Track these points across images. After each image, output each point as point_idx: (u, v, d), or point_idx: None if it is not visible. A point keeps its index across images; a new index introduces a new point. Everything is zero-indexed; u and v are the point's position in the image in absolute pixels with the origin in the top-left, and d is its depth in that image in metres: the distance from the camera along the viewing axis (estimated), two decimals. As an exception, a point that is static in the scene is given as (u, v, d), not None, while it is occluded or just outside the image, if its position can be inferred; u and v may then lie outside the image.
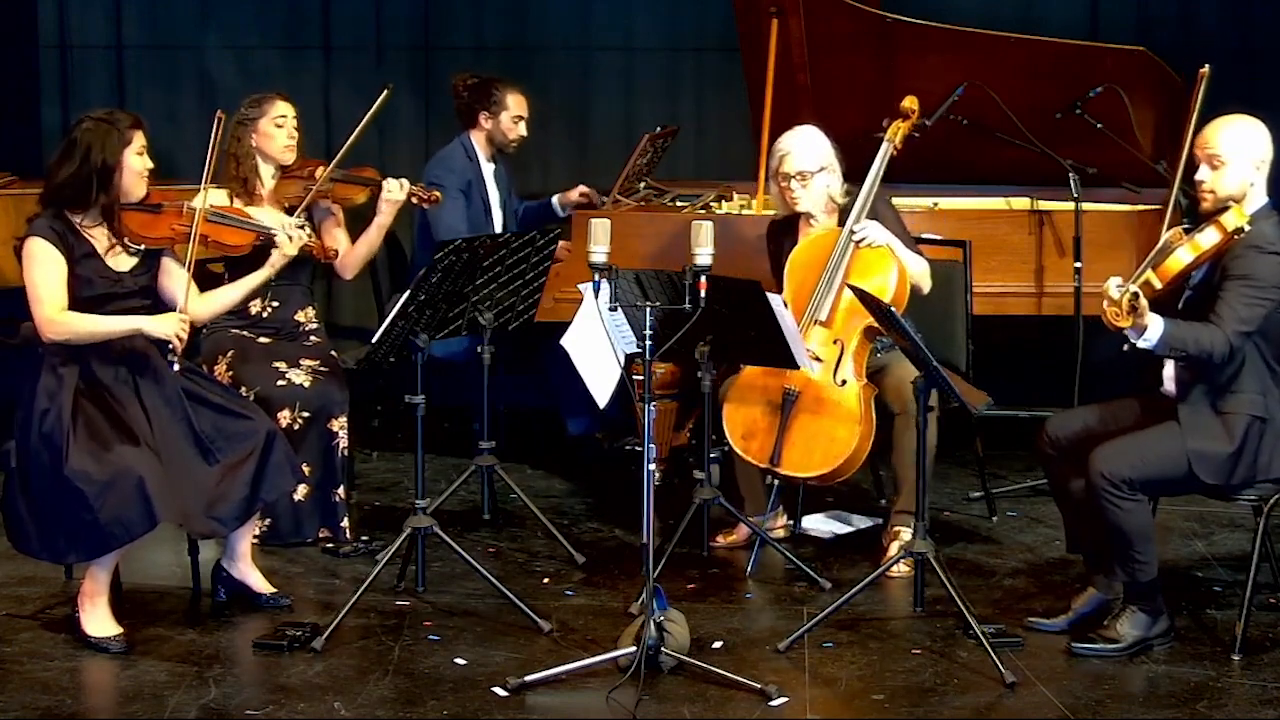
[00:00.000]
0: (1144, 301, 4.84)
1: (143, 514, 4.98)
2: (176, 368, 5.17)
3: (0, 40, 8.34)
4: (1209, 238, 4.98)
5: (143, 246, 5.28)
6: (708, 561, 5.93)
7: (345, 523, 6.03)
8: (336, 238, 6.27)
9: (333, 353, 6.19)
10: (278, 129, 6.13)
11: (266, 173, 6.14)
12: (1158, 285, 4.97)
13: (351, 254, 6.29)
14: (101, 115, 5.25)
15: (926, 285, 5.93)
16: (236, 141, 6.14)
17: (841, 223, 5.94)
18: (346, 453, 6.04)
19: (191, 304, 5.29)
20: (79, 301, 5.16)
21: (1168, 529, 6.23)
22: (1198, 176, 5.12)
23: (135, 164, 5.25)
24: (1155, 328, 4.90)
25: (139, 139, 5.25)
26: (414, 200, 6.33)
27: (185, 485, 5.11)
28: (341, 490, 6.03)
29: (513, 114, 7.10)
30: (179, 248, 5.31)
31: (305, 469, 5.90)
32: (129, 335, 5.18)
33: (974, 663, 5.04)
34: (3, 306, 7.08)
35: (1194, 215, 5.26)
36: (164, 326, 5.17)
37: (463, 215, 6.95)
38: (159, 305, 5.30)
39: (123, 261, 5.26)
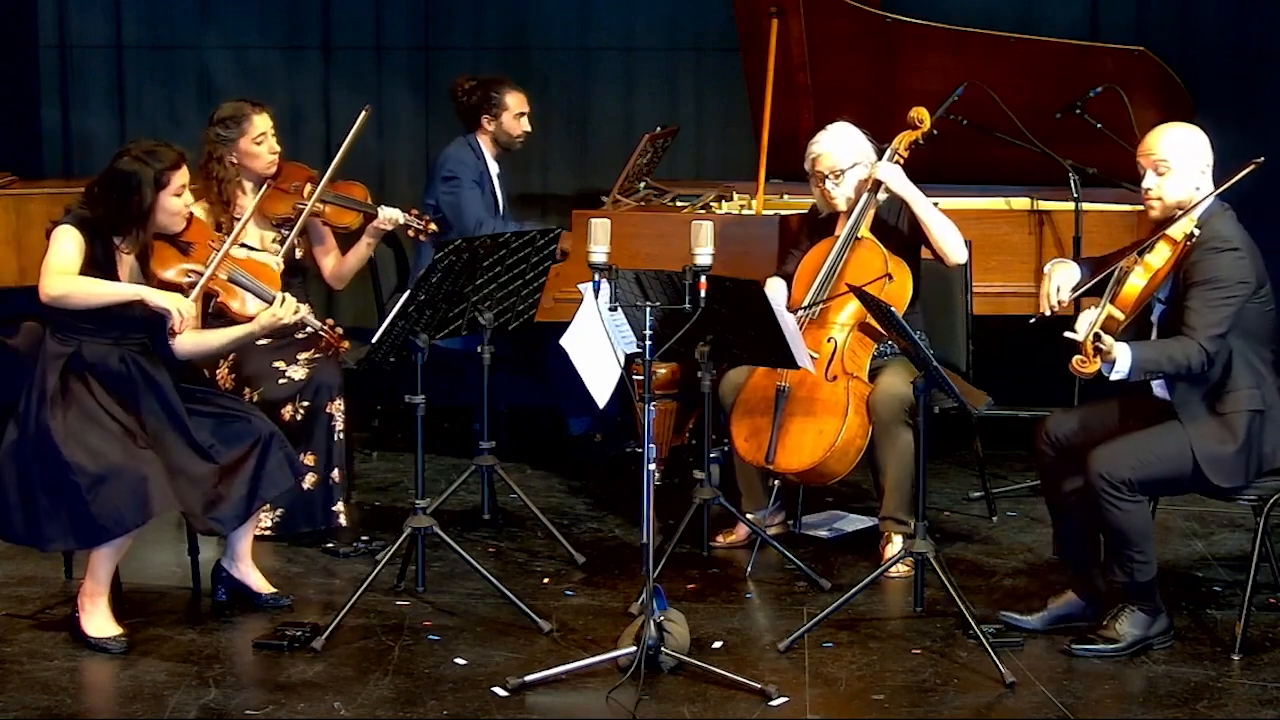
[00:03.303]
0: (1108, 339, 4.85)
1: (137, 507, 4.98)
2: (174, 343, 5.16)
3: (0, 40, 8.33)
4: (1160, 255, 4.98)
5: (152, 283, 5.28)
6: (708, 561, 5.93)
7: (340, 506, 6.03)
8: (329, 255, 6.37)
9: (299, 336, 6.18)
10: (258, 146, 6.07)
11: (249, 187, 6.12)
12: (1120, 317, 4.97)
13: (342, 266, 6.38)
14: (142, 153, 5.18)
15: (956, 251, 5.91)
16: (217, 163, 6.05)
17: (878, 222, 5.99)
18: (343, 435, 6.05)
19: (178, 338, 5.27)
20: (84, 310, 5.16)
21: (1168, 529, 6.23)
22: (1144, 184, 5.14)
23: (172, 205, 5.22)
24: (1124, 358, 4.90)
25: (178, 179, 5.20)
26: (410, 232, 6.39)
27: (183, 481, 5.11)
28: (337, 473, 6.03)
29: (514, 112, 7.12)
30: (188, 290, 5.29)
31: (310, 458, 5.93)
32: (129, 302, 5.14)
33: (974, 663, 5.04)
34: (2, 307, 7.09)
35: None
36: (167, 301, 5.16)
37: (482, 204, 6.99)
38: (159, 333, 5.25)
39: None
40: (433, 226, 6.49)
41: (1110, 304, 4.95)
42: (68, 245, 5.14)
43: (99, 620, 5.12)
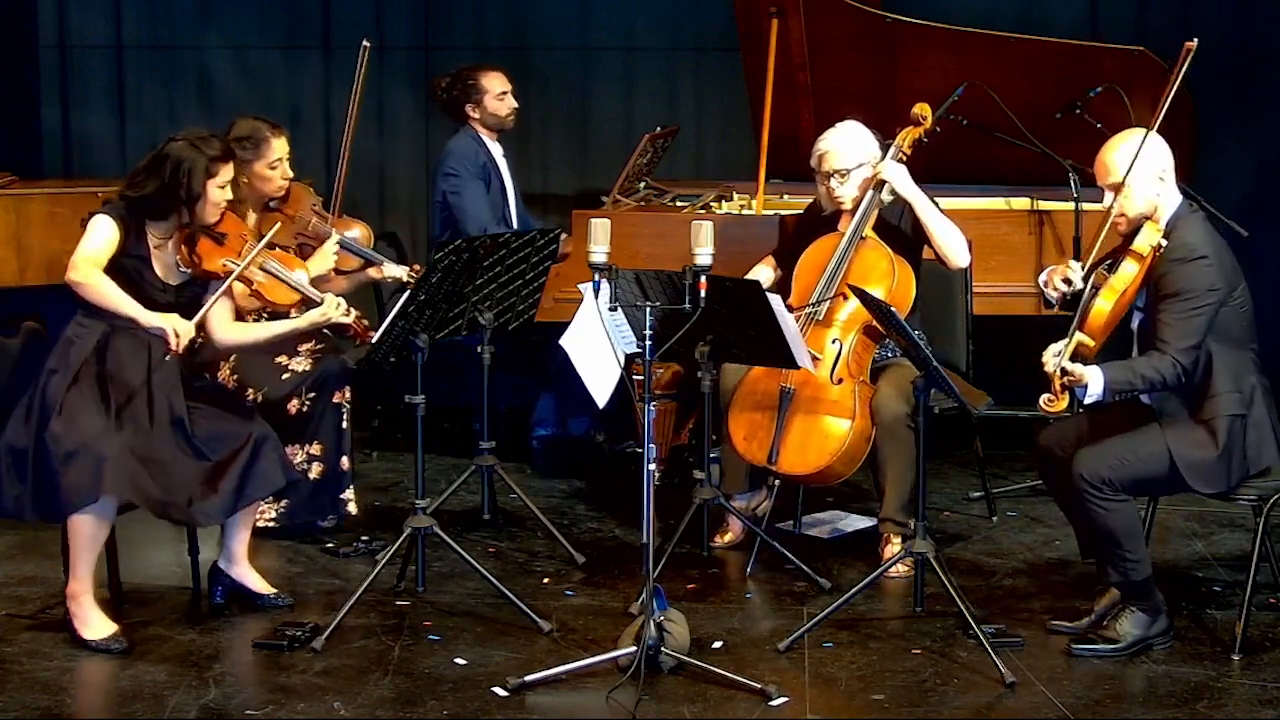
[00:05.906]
0: (1077, 367, 4.88)
1: (91, 485, 4.98)
2: (168, 358, 5.15)
3: (0, 40, 8.33)
4: (1127, 272, 4.99)
5: (189, 273, 5.29)
6: (708, 561, 5.94)
7: (350, 493, 6.07)
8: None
9: (325, 330, 6.18)
10: (273, 170, 5.99)
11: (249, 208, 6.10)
12: (1091, 343, 4.98)
13: (326, 286, 6.37)
14: (195, 139, 5.21)
15: (958, 255, 5.93)
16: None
17: (880, 222, 5.98)
18: (348, 422, 6.08)
19: (220, 328, 5.32)
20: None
21: (1168, 529, 6.23)
22: (1104, 204, 5.15)
23: (215, 195, 5.24)
24: (1096, 381, 4.92)
25: (225, 173, 5.25)
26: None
27: (158, 472, 5.08)
28: (345, 461, 6.06)
29: (495, 93, 7.10)
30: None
31: (317, 447, 5.97)
32: (129, 320, 5.13)
33: (974, 663, 5.04)
34: (2, 307, 7.09)
35: None
36: (161, 320, 5.13)
37: (485, 202, 6.98)
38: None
39: (173, 275, 5.28)
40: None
41: (1079, 331, 4.97)
42: (101, 233, 5.14)
43: (93, 622, 5.11)
